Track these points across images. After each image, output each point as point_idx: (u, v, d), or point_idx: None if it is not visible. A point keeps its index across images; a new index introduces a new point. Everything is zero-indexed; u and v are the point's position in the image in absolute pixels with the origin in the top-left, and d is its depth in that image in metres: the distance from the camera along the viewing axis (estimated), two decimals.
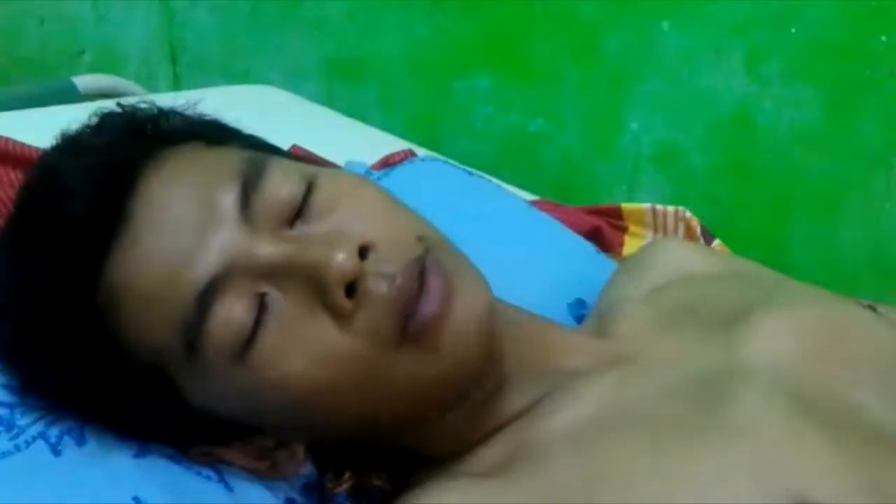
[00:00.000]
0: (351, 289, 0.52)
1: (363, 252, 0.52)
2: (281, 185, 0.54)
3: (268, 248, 0.52)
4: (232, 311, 0.51)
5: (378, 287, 0.52)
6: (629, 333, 0.63)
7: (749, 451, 0.51)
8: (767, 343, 0.59)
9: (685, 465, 0.51)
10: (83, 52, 1.81)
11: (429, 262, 0.53)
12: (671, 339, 0.62)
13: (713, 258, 0.77)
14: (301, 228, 0.54)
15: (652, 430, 0.54)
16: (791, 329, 0.60)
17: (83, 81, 1.38)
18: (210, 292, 0.51)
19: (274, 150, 0.62)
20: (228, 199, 0.53)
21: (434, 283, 0.52)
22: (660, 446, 0.53)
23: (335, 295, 0.51)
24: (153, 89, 1.56)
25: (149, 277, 0.52)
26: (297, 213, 0.54)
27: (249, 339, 0.52)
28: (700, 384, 0.56)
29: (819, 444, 0.52)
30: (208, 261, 0.51)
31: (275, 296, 0.52)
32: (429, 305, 0.52)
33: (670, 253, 0.75)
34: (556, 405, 0.58)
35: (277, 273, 0.52)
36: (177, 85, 1.70)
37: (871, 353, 0.59)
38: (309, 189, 0.55)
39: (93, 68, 1.75)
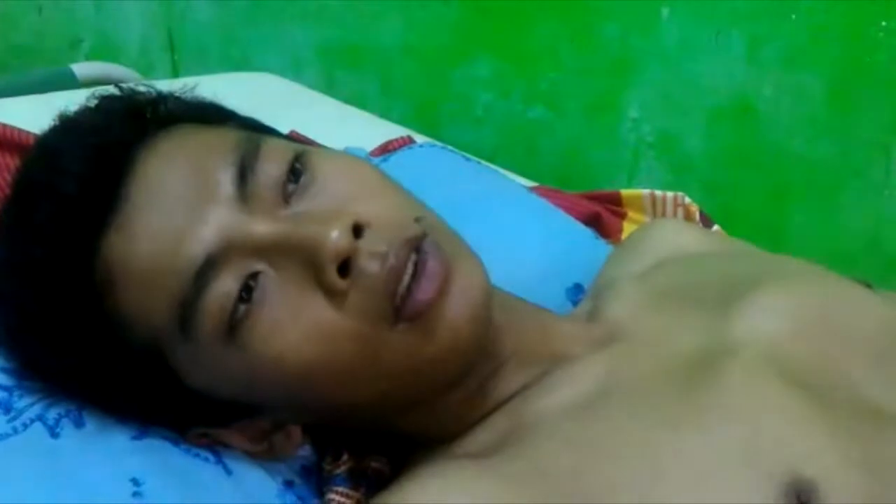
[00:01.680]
0: (345, 267, 0.51)
1: (358, 230, 0.52)
2: (276, 163, 0.54)
3: (263, 227, 0.52)
4: (227, 289, 0.51)
5: (371, 266, 0.52)
6: (621, 314, 0.63)
7: (741, 430, 0.51)
8: (760, 321, 0.58)
9: (676, 445, 0.51)
10: (82, 40, 1.80)
11: (427, 245, 0.53)
12: (663, 319, 0.62)
13: (707, 237, 0.77)
14: (297, 207, 0.54)
15: (643, 410, 0.54)
16: (784, 306, 0.60)
17: (81, 69, 1.37)
18: (205, 270, 0.51)
19: (270, 131, 0.62)
20: (224, 177, 0.53)
21: (432, 267, 0.52)
22: (651, 426, 0.53)
23: (328, 272, 0.51)
24: (152, 77, 1.56)
25: (145, 256, 0.52)
26: (293, 191, 0.54)
27: (244, 317, 0.51)
28: (692, 363, 0.56)
29: (812, 421, 0.52)
30: (204, 239, 0.51)
31: (269, 274, 0.52)
32: (425, 289, 0.52)
33: (664, 233, 0.75)
34: (548, 388, 0.58)
35: (272, 251, 0.52)
36: (175, 73, 1.70)
37: (865, 330, 0.59)
38: (304, 168, 0.55)
39: (91, 56, 1.75)
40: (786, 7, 1.17)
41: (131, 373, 0.55)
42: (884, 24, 1.12)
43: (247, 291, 0.52)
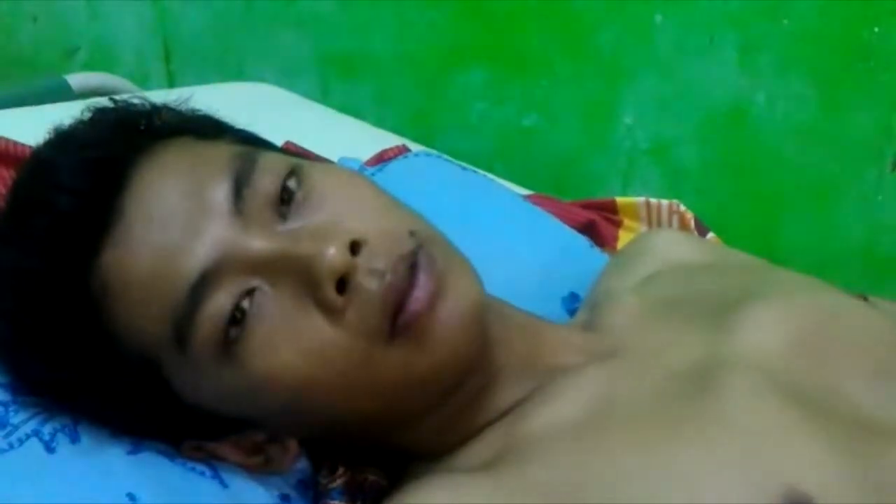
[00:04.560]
0: (342, 284, 0.52)
1: (355, 247, 0.52)
2: (273, 178, 0.54)
3: (259, 243, 0.52)
4: (222, 305, 0.51)
5: (369, 283, 0.52)
6: (618, 326, 0.63)
7: (738, 445, 0.51)
8: (757, 334, 0.58)
9: (673, 461, 0.51)
10: (77, 50, 1.80)
11: (420, 258, 0.53)
12: (660, 332, 0.62)
13: (703, 248, 0.77)
14: (293, 223, 0.54)
15: (640, 425, 0.54)
16: (781, 320, 0.60)
17: (77, 79, 1.37)
18: (201, 286, 0.51)
19: (266, 145, 0.62)
20: (220, 193, 0.53)
21: (423, 279, 0.52)
22: (647, 442, 0.53)
23: (326, 290, 0.51)
24: (147, 87, 1.56)
25: (141, 271, 0.52)
26: (289, 207, 0.54)
27: (239, 334, 0.52)
28: (689, 377, 0.56)
29: (809, 436, 0.52)
30: (200, 254, 0.52)
31: (265, 290, 0.52)
32: (417, 301, 0.52)
33: (660, 243, 0.75)
34: (545, 401, 0.58)
35: (268, 267, 0.52)
36: (171, 82, 1.70)
37: (862, 343, 0.59)
38: (301, 183, 0.55)
39: (86, 66, 1.75)
40: (779, 12, 1.18)
41: (126, 386, 0.55)
42: (876, 29, 1.13)
43: (240, 309, 0.52)
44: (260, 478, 0.59)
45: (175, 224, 0.52)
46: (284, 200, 0.54)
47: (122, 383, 0.55)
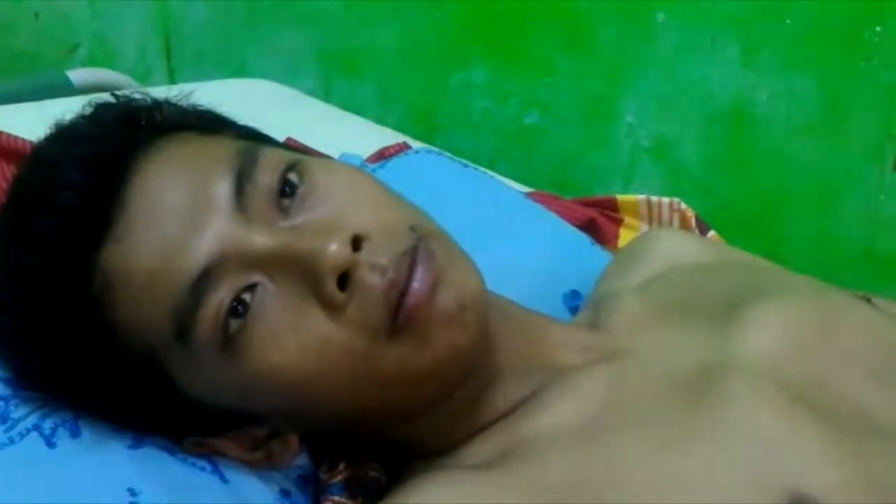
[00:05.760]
0: (343, 279, 0.52)
1: (356, 243, 0.52)
2: (274, 174, 0.54)
3: (261, 238, 0.52)
4: (224, 300, 0.51)
5: (370, 278, 0.52)
6: (622, 326, 0.63)
7: (741, 446, 0.51)
8: (762, 335, 0.58)
9: (678, 462, 0.51)
10: (78, 46, 1.80)
11: (419, 252, 0.53)
12: (664, 332, 0.62)
13: (707, 247, 0.77)
14: (295, 218, 0.54)
15: (644, 426, 0.54)
16: (785, 321, 0.60)
17: (78, 75, 1.37)
18: (203, 281, 0.51)
19: (267, 140, 0.62)
20: (222, 188, 0.53)
21: (421, 273, 0.52)
22: (653, 444, 0.53)
23: (327, 285, 0.51)
24: (148, 83, 1.56)
25: (142, 267, 0.52)
26: (291, 201, 0.54)
27: (241, 329, 0.52)
28: (694, 378, 0.56)
29: (814, 437, 0.52)
30: (202, 250, 0.52)
31: (267, 285, 0.52)
32: (414, 294, 0.52)
33: (663, 243, 0.74)
34: (548, 401, 0.58)
35: (270, 263, 0.52)
36: (172, 79, 1.70)
37: (866, 345, 0.59)
38: (303, 179, 0.55)
39: (88, 63, 1.75)
40: (781, 11, 1.17)
41: (128, 382, 0.55)
42: (878, 28, 1.13)
43: (242, 304, 0.52)
44: (260, 473, 0.59)
45: (177, 219, 0.52)
46: (286, 193, 0.54)
47: (123, 378, 0.55)
